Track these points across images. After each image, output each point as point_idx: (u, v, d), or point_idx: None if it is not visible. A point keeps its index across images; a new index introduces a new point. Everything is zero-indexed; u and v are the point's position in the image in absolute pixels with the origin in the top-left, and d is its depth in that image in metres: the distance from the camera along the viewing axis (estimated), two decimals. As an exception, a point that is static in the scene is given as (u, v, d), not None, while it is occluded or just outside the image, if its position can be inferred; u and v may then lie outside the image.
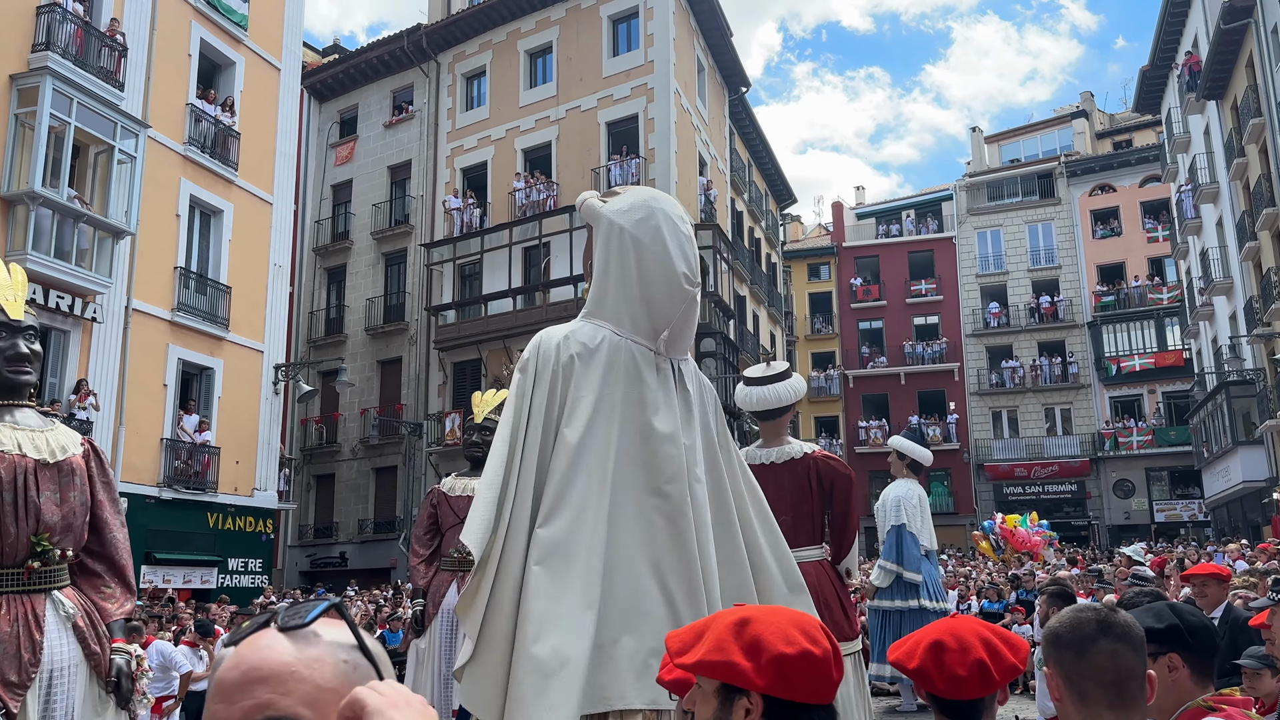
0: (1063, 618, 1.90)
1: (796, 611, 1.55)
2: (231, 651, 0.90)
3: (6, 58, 15.41)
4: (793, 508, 4.71)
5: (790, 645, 1.43)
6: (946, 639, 1.80)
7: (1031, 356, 36.44)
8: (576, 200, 2.70)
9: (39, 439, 3.22)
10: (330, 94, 29.69)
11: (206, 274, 19.57)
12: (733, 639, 1.46)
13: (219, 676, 0.88)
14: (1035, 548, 17.26)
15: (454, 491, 6.03)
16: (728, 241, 27.09)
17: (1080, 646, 1.82)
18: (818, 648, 1.45)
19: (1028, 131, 42.07)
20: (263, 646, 0.88)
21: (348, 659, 0.89)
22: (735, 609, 1.57)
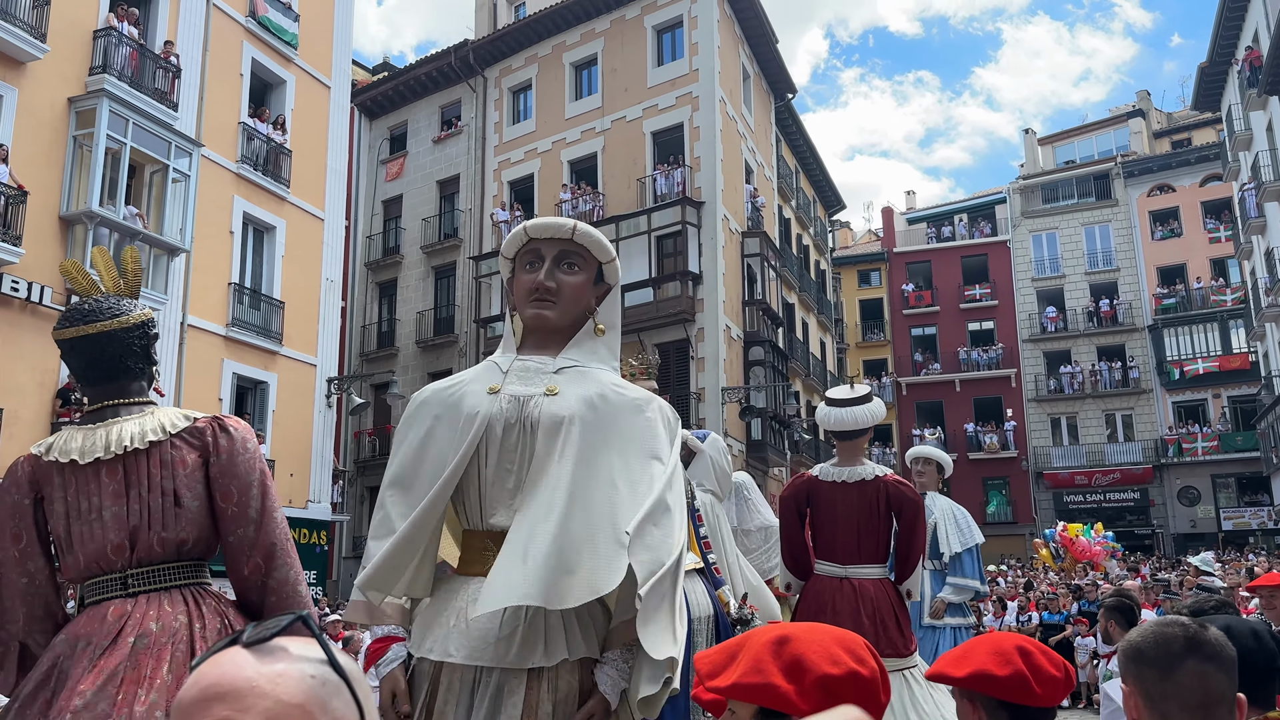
0: (1146, 632, 1.76)
1: (840, 630, 1.45)
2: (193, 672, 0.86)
3: (66, 81, 15.82)
4: (858, 527, 4.84)
5: (836, 666, 1.33)
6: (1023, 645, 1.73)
7: (1090, 361, 35.65)
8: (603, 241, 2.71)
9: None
10: (380, 111, 30.11)
11: (260, 289, 19.89)
12: (771, 659, 1.36)
13: (179, 695, 0.84)
14: (1096, 558, 16.81)
15: None
16: (775, 249, 26.93)
17: (1166, 665, 1.68)
18: (865, 668, 1.35)
19: (1082, 132, 41.29)
20: (224, 663, 0.84)
21: (315, 674, 0.85)
22: (771, 626, 1.48)
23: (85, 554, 2.63)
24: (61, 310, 13.21)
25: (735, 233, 24.62)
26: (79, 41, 16.11)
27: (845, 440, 5.07)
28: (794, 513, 4.93)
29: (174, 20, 18.11)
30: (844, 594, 4.73)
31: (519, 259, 2.56)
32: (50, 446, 2.72)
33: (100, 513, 2.64)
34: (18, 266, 14.54)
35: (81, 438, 2.73)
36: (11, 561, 2.66)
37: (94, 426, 2.76)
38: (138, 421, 2.76)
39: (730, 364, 23.38)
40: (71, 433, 2.75)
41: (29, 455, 2.73)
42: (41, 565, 2.70)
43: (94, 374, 2.81)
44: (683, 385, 22.94)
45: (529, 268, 2.53)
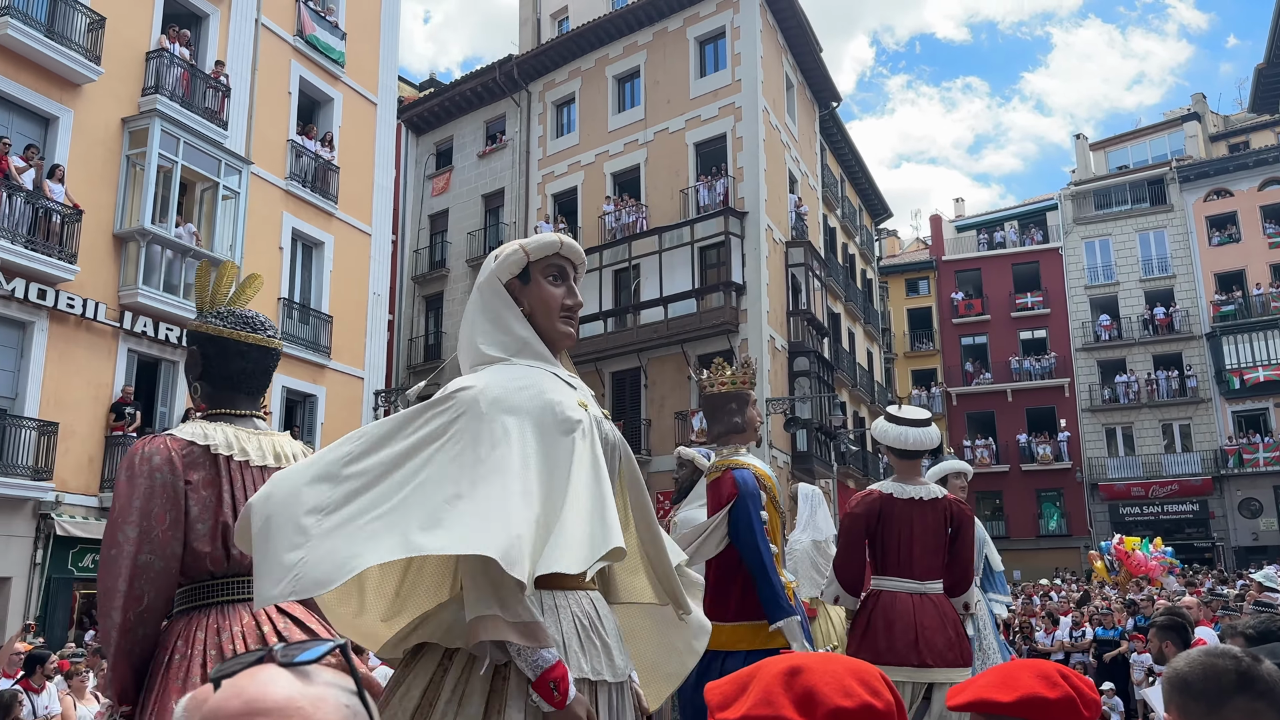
0: (1194, 662, 1.67)
1: (854, 660, 1.39)
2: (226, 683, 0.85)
3: (119, 102, 16.21)
4: (932, 544, 4.94)
5: (849, 698, 1.28)
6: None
7: (1146, 370, 34.85)
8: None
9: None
10: (426, 127, 30.47)
11: (309, 304, 20.17)
12: (782, 691, 1.31)
13: (216, 706, 0.84)
14: (1153, 572, 16.36)
15: None
16: (820, 258, 26.74)
17: (1214, 700, 1.59)
18: (879, 700, 1.29)
19: (1136, 137, 40.48)
20: (264, 680, 0.84)
21: (349, 704, 0.86)
22: (784, 656, 1.43)
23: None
24: (115, 325, 13.32)
25: (779, 243, 24.49)
26: (132, 63, 16.51)
27: (908, 459, 5.13)
28: (863, 529, 4.94)
29: (224, 41, 18.50)
30: (926, 609, 4.79)
31: (542, 267, 2.52)
32: (206, 435, 2.81)
33: None
34: (73, 283, 14.91)
35: (252, 440, 2.89)
36: (161, 547, 2.66)
37: (253, 432, 2.92)
38: (287, 440, 3.00)
39: (775, 375, 23.22)
40: (229, 430, 2.87)
41: (174, 439, 2.78)
42: (178, 552, 2.71)
43: (254, 384, 3.00)
44: (727, 396, 22.81)
45: (554, 280, 2.53)
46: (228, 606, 2.75)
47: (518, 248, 2.52)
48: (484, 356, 2.45)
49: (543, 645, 2.08)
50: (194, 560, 2.74)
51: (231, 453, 2.81)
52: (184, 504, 2.71)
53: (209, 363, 2.96)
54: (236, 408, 2.96)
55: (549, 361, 2.49)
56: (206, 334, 2.96)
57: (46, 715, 8.19)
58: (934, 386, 38.31)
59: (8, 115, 14.84)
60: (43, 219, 14.54)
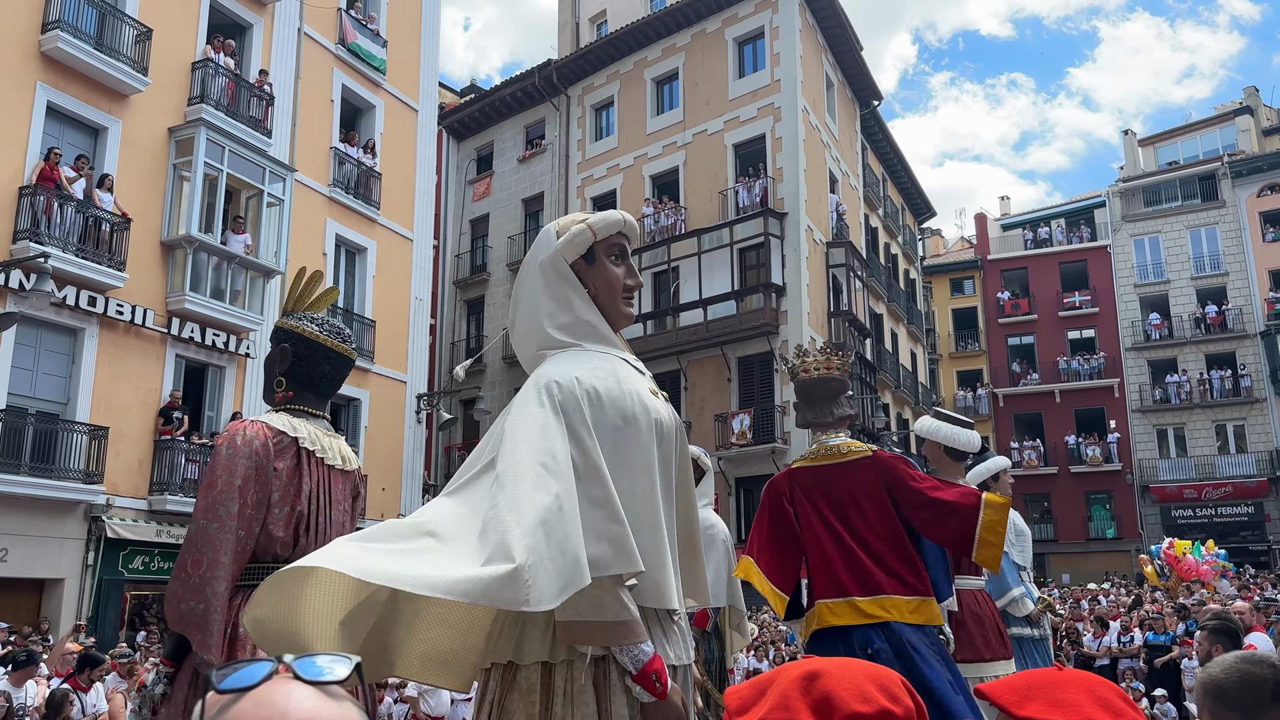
0: (1230, 669, 1.62)
1: (874, 665, 1.36)
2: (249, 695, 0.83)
3: (166, 111, 16.53)
4: None
5: (867, 704, 1.24)
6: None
7: (1199, 370, 34.09)
8: None
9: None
10: (467, 132, 30.72)
11: (352, 309, 20.40)
12: (800, 695, 1.28)
13: (238, 714, 0.81)
14: (1205, 576, 15.98)
15: None
16: (862, 259, 26.53)
17: (1250, 711, 1.54)
18: (899, 706, 1.25)
19: (1186, 132, 39.65)
20: (291, 695, 0.82)
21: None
22: (803, 661, 1.40)
23: (318, 541, 2.93)
24: (163, 331, 13.52)
25: (819, 243, 24.32)
26: (178, 73, 16.82)
27: (956, 459, 5.17)
28: None
29: (267, 50, 18.78)
30: (985, 604, 4.94)
31: (606, 246, 2.48)
32: (295, 428, 3.02)
33: (329, 510, 3.05)
34: (122, 290, 15.21)
35: (326, 439, 3.11)
36: (249, 523, 2.85)
37: (324, 432, 3.14)
38: (346, 445, 3.22)
39: (816, 376, 23.03)
40: (310, 427, 3.08)
41: (268, 426, 2.97)
42: (257, 532, 2.89)
43: (330, 388, 3.23)
44: (766, 399, 22.71)
45: (616, 260, 2.49)
46: None
47: (584, 226, 2.46)
48: (552, 340, 2.40)
49: (640, 639, 2.08)
50: (267, 541, 2.91)
51: (314, 447, 3.02)
52: (269, 487, 2.90)
53: (298, 361, 3.13)
54: (311, 407, 3.15)
55: (616, 346, 2.46)
56: (302, 335, 3.13)
57: (95, 714, 8.35)
58: (980, 387, 37.81)
59: (59, 127, 15.19)
60: (93, 227, 14.86)
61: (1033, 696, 1.56)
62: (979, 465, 7.75)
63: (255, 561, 2.91)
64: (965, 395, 37.66)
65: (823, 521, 4.13)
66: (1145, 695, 11.51)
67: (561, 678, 2.11)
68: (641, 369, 2.46)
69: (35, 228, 14.09)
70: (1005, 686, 1.62)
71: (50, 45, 14.66)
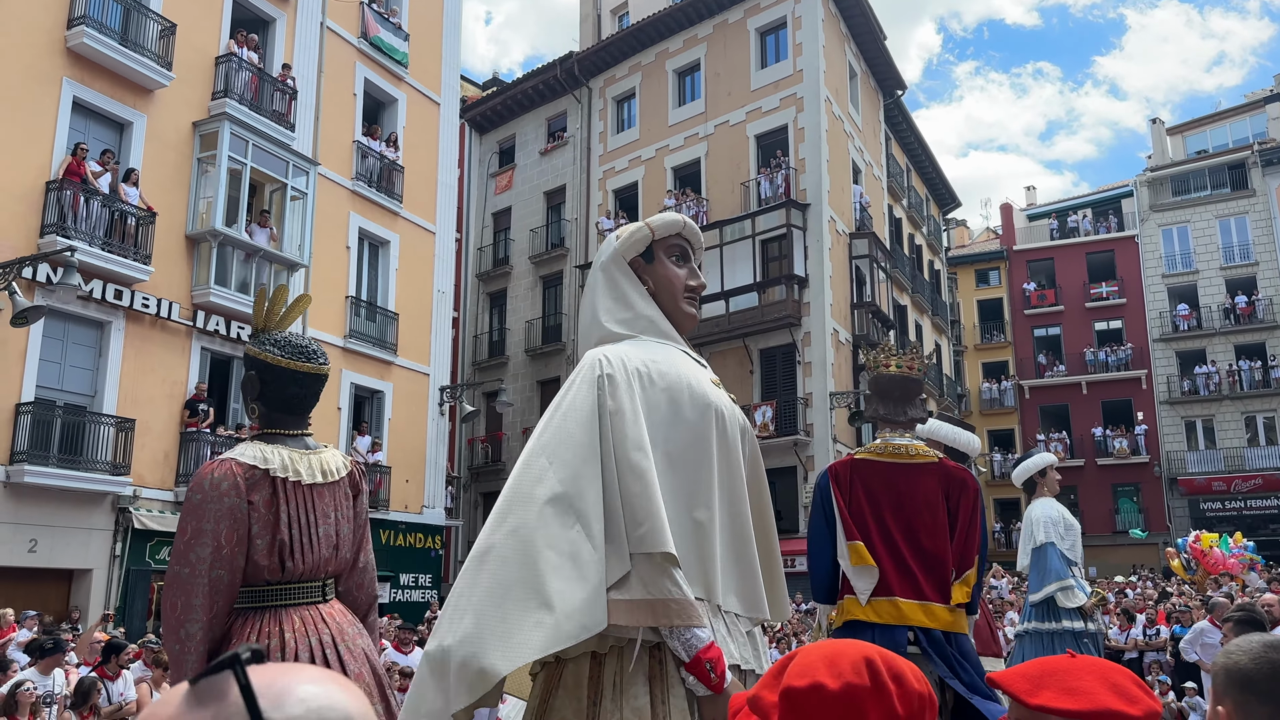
0: (1256, 655, 1.57)
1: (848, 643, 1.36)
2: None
3: (190, 106, 16.64)
4: None
5: (802, 678, 1.27)
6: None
7: (1228, 361, 33.67)
8: None
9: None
10: (489, 125, 30.75)
11: (375, 302, 20.50)
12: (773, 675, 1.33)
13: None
14: (1231, 570, 15.77)
15: None
16: (885, 250, 26.36)
17: (1275, 696, 1.50)
18: (836, 681, 1.26)
19: (1215, 120, 39.10)
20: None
21: None
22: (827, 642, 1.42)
23: (305, 562, 3.10)
24: (189, 324, 13.72)
25: (843, 234, 24.19)
26: (202, 68, 16.93)
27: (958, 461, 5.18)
28: None
29: (290, 44, 18.87)
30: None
31: (665, 246, 2.52)
32: (266, 460, 3.11)
33: (316, 528, 3.15)
34: (147, 284, 15.34)
35: (304, 460, 3.20)
36: (229, 561, 2.98)
37: (305, 452, 3.22)
38: (331, 453, 3.31)
39: (839, 368, 22.96)
40: (284, 452, 3.17)
41: (238, 463, 3.06)
42: (241, 565, 3.03)
43: (305, 406, 3.31)
44: (789, 390, 22.64)
45: (678, 261, 2.52)
46: (281, 610, 3.07)
47: (642, 225, 2.51)
48: (609, 334, 2.41)
49: (694, 623, 1.99)
50: (254, 571, 3.05)
51: (287, 475, 3.11)
52: (247, 523, 3.02)
53: (266, 387, 3.23)
54: (289, 428, 3.26)
55: (676, 340, 2.45)
56: (265, 361, 3.21)
57: (122, 701, 8.45)
58: (1005, 379, 37.52)
59: (85, 122, 15.32)
60: (118, 221, 14.99)
61: (1045, 684, 1.53)
62: (1026, 461, 7.66)
63: (249, 586, 3.07)
64: (990, 387, 37.38)
65: (877, 518, 4.14)
66: (1172, 689, 11.38)
67: (610, 669, 2.05)
68: (702, 362, 2.45)
69: (62, 222, 14.24)
70: (1018, 675, 1.60)
71: (76, 41, 14.79)
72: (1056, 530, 7.19)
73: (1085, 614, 7.07)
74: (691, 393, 2.26)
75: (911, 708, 1.27)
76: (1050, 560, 7.14)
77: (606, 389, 2.16)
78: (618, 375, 2.18)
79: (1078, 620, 7.07)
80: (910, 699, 1.28)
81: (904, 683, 1.28)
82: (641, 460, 2.09)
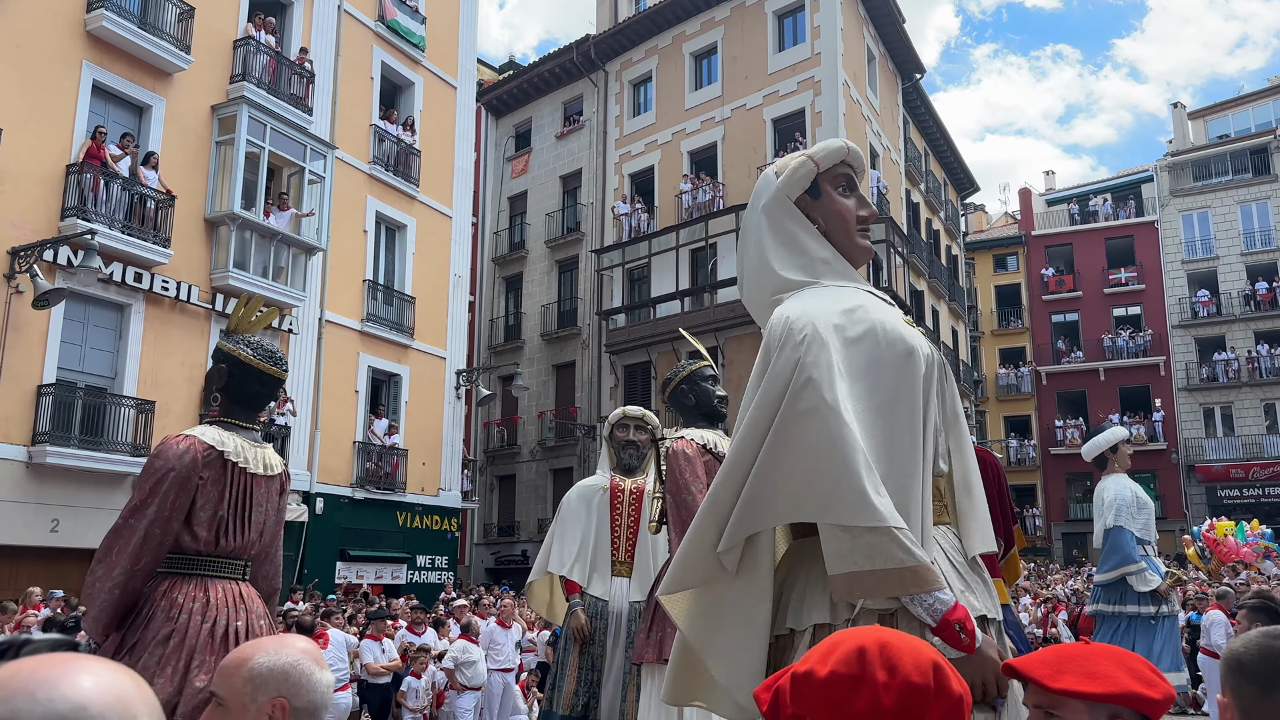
0: (1250, 641, 1.61)
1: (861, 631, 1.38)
2: None
3: (208, 90, 16.71)
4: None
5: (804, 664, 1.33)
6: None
7: (1248, 347, 33.40)
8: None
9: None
10: (505, 109, 30.73)
11: (392, 286, 20.58)
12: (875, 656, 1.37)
13: None
14: (1245, 558, 15.71)
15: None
16: (903, 234, 26.24)
17: (1267, 682, 1.53)
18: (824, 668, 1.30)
19: (1238, 104, 38.63)
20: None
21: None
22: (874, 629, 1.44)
23: (235, 541, 3.50)
24: (208, 307, 13.84)
25: (860, 219, 24.06)
26: (220, 52, 16.98)
27: None
28: None
29: (308, 27, 18.90)
30: None
31: (831, 178, 2.35)
32: (223, 443, 3.50)
33: (250, 513, 3.55)
34: (167, 267, 15.45)
35: (251, 450, 3.60)
36: (165, 522, 3.36)
37: (252, 444, 3.62)
38: (271, 451, 3.72)
39: (855, 353, 22.89)
40: (238, 440, 3.57)
41: (201, 441, 3.46)
42: (175, 530, 3.41)
43: (262, 404, 3.72)
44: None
45: (844, 191, 2.36)
46: (207, 579, 3.45)
47: (805, 159, 2.34)
48: (786, 282, 2.25)
49: (935, 586, 1.87)
50: (190, 540, 3.43)
51: (238, 459, 3.51)
52: (193, 494, 3.40)
53: (232, 380, 3.61)
54: (244, 421, 3.64)
55: (858, 279, 2.30)
56: (238, 358, 3.60)
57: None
58: (1023, 365, 37.35)
59: (104, 105, 15.41)
60: (138, 205, 15.09)
61: (1066, 669, 1.56)
62: (1097, 437, 7.51)
63: (182, 553, 3.44)
64: (1008, 373, 37.22)
65: None
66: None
67: None
68: (887, 300, 2.29)
69: (82, 205, 14.34)
70: (1038, 661, 1.62)
71: (95, 24, 14.85)
72: (1129, 511, 7.05)
73: (1160, 596, 6.96)
74: (890, 337, 2.10)
75: (903, 698, 1.28)
76: (1122, 543, 7.02)
77: (805, 353, 2.01)
78: (814, 335, 2.02)
79: (1148, 604, 6.95)
80: (902, 690, 1.28)
81: (897, 673, 1.29)
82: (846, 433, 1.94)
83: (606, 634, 5.56)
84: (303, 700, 1.59)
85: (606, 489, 5.83)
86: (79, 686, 0.74)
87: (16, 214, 13.83)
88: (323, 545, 17.94)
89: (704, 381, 5.07)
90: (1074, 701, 1.52)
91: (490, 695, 10.29)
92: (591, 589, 5.64)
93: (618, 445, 5.95)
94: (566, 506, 5.89)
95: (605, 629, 5.56)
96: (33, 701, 0.73)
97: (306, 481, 17.82)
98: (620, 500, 5.80)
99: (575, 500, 5.89)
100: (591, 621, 5.54)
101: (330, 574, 17.84)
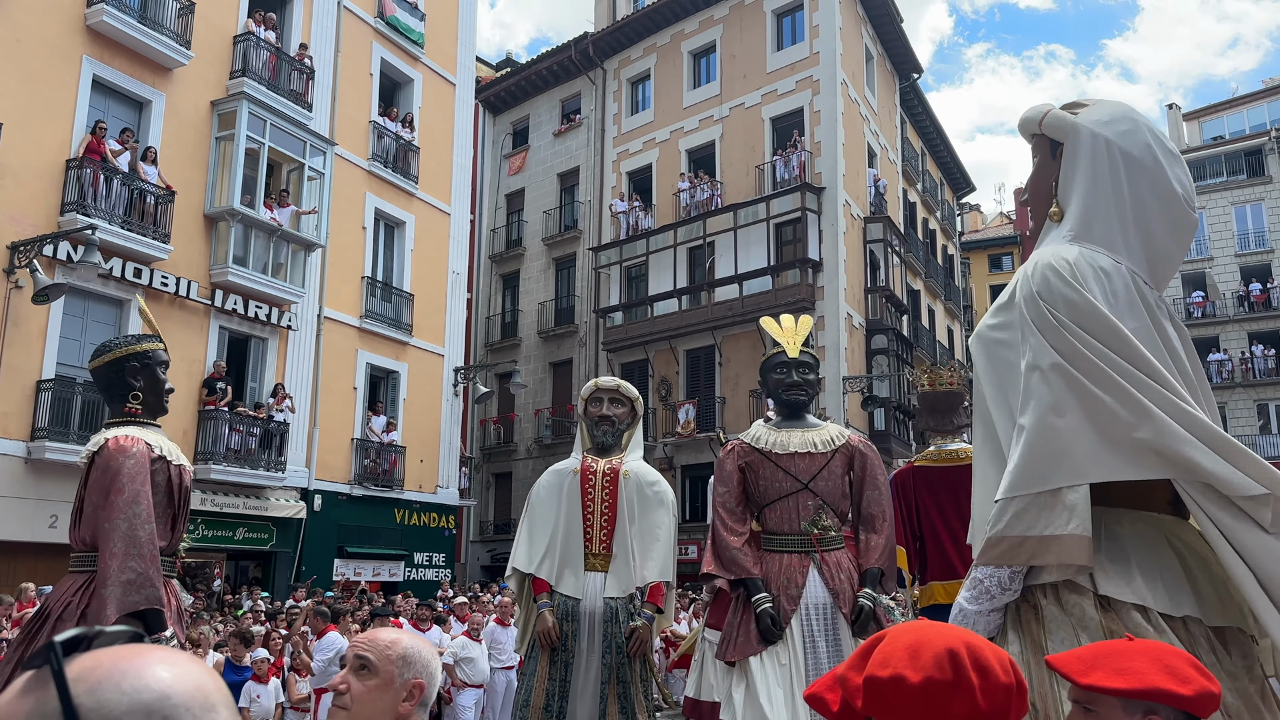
0: None
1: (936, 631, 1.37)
2: None
3: (208, 85, 16.66)
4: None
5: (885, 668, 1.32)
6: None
7: (1241, 348, 33.55)
8: (1031, 114, 2.40)
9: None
10: (503, 106, 30.68)
11: (391, 282, 20.54)
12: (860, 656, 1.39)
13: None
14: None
15: (780, 448, 4.66)
16: (899, 234, 26.29)
17: None
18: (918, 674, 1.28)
19: (1232, 106, 38.80)
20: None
21: None
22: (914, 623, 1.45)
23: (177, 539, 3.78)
24: (207, 303, 13.82)
25: (857, 218, 24.13)
26: (220, 47, 16.93)
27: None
28: None
29: (307, 23, 18.85)
30: None
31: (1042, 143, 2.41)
32: (160, 444, 3.79)
33: (186, 509, 3.90)
34: (166, 262, 15.41)
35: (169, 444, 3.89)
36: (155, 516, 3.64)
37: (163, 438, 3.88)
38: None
39: (852, 353, 22.95)
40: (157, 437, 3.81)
41: (144, 441, 3.70)
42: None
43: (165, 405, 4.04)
44: (804, 374, 22.61)
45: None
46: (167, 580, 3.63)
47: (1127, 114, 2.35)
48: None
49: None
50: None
51: (172, 457, 3.79)
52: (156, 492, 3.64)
53: (152, 383, 3.91)
54: (157, 420, 3.93)
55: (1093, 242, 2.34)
56: (167, 361, 4.01)
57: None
58: (1016, 365, 37.43)
59: (104, 100, 15.35)
60: (138, 200, 15.03)
61: (1098, 665, 1.58)
62: None
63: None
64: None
65: (942, 516, 4.73)
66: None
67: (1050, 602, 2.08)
68: None
69: (82, 200, 14.29)
70: (1073, 657, 1.65)
71: (95, 19, 14.80)
72: None
73: None
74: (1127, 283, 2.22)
75: (996, 700, 1.28)
76: None
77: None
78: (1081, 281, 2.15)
79: None
80: (995, 692, 1.29)
81: (989, 675, 1.29)
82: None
83: (579, 637, 4.98)
84: (431, 687, 1.85)
85: (577, 471, 5.23)
86: (160, 677, 0.75)
87: (16, 209, 13.78)
88: (321, 542, 17.92)
89: (772, 371, 4.94)
90: (1107, 697, 1.54)
91: (493, 693, 10.31)
92: (562, 587, 5.07)
93: (591, 421, 5.36)
94: (535, 494, 5.33)
95: (576, 631, 4.98)
96: (119, 692, 0.73)
97: (305, 478, 17.80)
98: (592, 483, 5.18)
99: (544, 487, 5.32)
100: (561, 624, 4.97)
101: (328, 571, 17.82)
